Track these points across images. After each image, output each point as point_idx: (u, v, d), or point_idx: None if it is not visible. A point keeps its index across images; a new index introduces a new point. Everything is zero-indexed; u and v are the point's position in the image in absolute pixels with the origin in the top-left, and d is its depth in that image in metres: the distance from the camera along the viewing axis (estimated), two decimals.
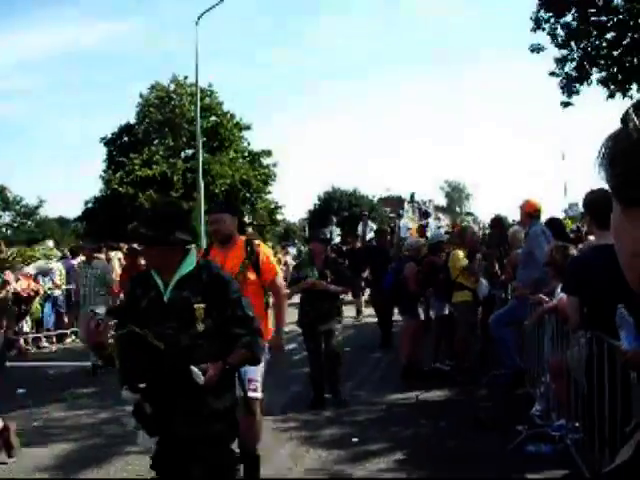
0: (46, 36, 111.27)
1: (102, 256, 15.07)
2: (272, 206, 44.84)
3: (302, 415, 7.90)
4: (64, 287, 16.48)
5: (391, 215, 20.30)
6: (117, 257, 18.17)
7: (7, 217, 63.94)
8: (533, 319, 7.73)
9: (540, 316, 7.47)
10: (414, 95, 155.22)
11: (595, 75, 19.52)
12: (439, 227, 20.36)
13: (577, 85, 19.67)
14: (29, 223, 64.08)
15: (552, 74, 19.90)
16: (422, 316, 10.84)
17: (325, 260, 9.13)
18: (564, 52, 19.63)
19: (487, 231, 15.74)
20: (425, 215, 19.96)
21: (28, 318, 15.56)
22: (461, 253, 10.08)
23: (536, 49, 19.97)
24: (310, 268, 9.04)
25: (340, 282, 9.03)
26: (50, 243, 19.51)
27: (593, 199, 5.37)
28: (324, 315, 8.75)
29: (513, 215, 15.47)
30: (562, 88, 19.80)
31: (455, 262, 9.97)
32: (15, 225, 63.85)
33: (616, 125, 1.02)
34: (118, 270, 17.68)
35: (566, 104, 20.05)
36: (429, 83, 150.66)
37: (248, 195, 42.79)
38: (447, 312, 10.47)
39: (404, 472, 6.26)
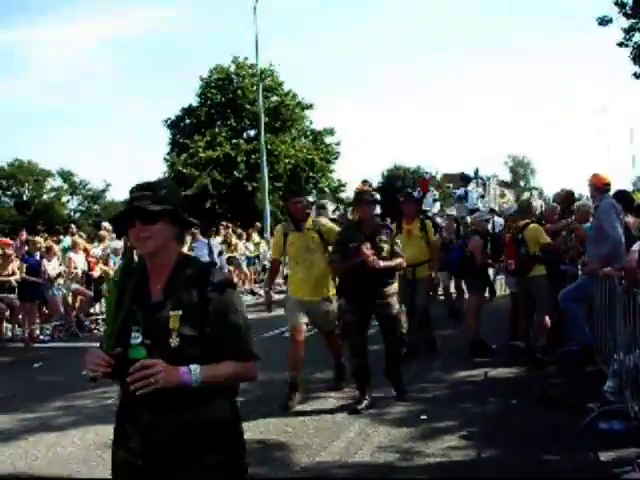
0: (111, 21, 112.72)
1: None
2: (336, 185, 44.77)
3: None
4: None
5: (455, 191, 18.38)
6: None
7: (75, 201, 65.26)
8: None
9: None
10: (478, 71, 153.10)
11: None
12: (482, 196, 18.97)
13: None
14: (95, 207, 65.23)
15: (621, 44, 19.42)
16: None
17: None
18: (632, 22, 19.15)
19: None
20: (464, 180, 18.21)
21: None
22: (540, 227, 9.84)
23: (604, 22, 19.49)
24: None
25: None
26: (106, 224, 19.80)
27: None
28: None
29: (580, 189, 15.19)
30: (633, 59, 19.32)
31: (536, 236, 9.62)
32: (82, 209, 65.13)
33: None
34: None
35: (639, 75, 19.56)
36: (493, 60, 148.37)
37: (312, 174, 42.86)
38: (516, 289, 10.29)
39: (474, 449, 6.23)
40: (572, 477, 5.57)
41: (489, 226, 13.97)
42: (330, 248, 8.21)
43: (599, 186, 8.79)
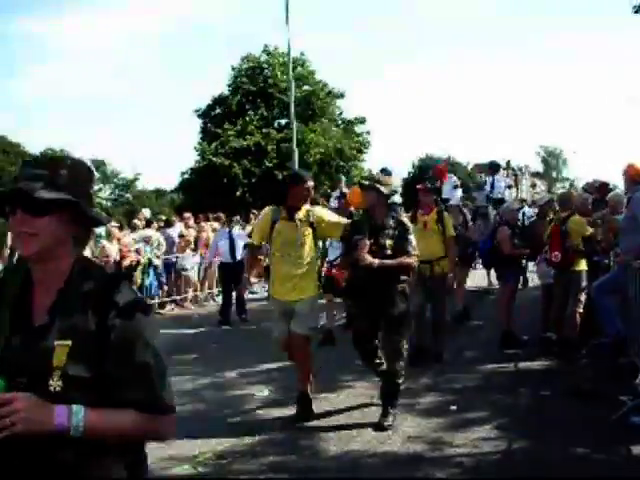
0: (141, 10, 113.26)
1: None
2: (366, 174, 44.66)
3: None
4: (163, 257, 16.89)
5: (487, 179, 17.32)
6: (212, 227, 18.46)
7: (107, 190, 65.99)
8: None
9: None
10: (510, 60, 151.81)
11: None
12: (510, 186, 17.59)
13: None
14: (127, 195, 65.97)
15: None
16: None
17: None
18: None
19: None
20: (493, 168, 16.95)
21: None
22: (583, 219, 9.73)
23: None
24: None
25: None
26: (147, 212, 19.94)
27: None
28: None
29: (614, 180, 14.96)
30: None
31: (579, 228, 9.52)
32: (114, 198, 65.91)
33: None
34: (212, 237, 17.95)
35: None
36: (524, 48, 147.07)
37: (342, 164, 42.77)
38: (551, 280, 10.16)
39: (504, 441, 6.20)
40: (602, 471, 5.52)
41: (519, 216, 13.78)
42: (321, 244, 7.69)
43: (633, 177, 8.68)
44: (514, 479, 5.49)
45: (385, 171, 16.90)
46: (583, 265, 9.56)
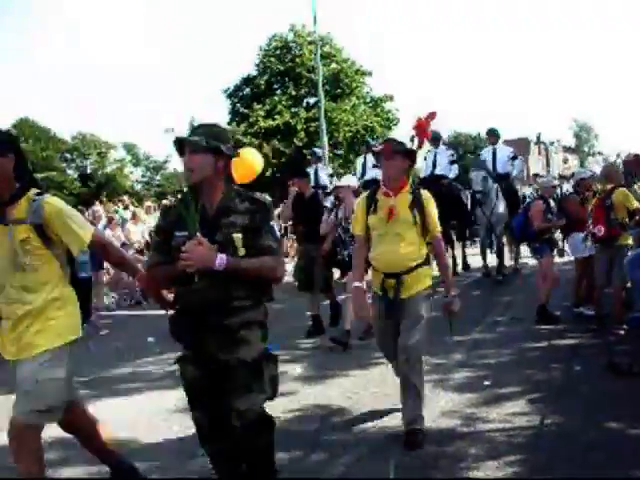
0: None
1: None
2: None
3: (433, 358, 7.86)
4: None
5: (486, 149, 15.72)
6: None
7: (138, 173, 66.40)
8: None
9: None
10: (542, 31, 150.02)
11: None
12: (514, 157, 14.89)
13: None
14: (157, 178, 66.36)
15: None
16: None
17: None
18: None
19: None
20: (493, 136, 15.11)
21: None
22: (628, 192, 9.46)
23: None
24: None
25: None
26: None
27: None
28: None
29: None
30: None
31: (624, 201, 9.08)
32: (145, 180, 66.31)
33: None
34: None
35: None
36: (557, 17, 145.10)
37: (372, 141, 42.67)
38: (588, 254, 10.02)
39: (537, 416, 6.16)
40: (636, 446, 5.47)
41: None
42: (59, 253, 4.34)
43: None
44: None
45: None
46: (629, 240, 9.36)
